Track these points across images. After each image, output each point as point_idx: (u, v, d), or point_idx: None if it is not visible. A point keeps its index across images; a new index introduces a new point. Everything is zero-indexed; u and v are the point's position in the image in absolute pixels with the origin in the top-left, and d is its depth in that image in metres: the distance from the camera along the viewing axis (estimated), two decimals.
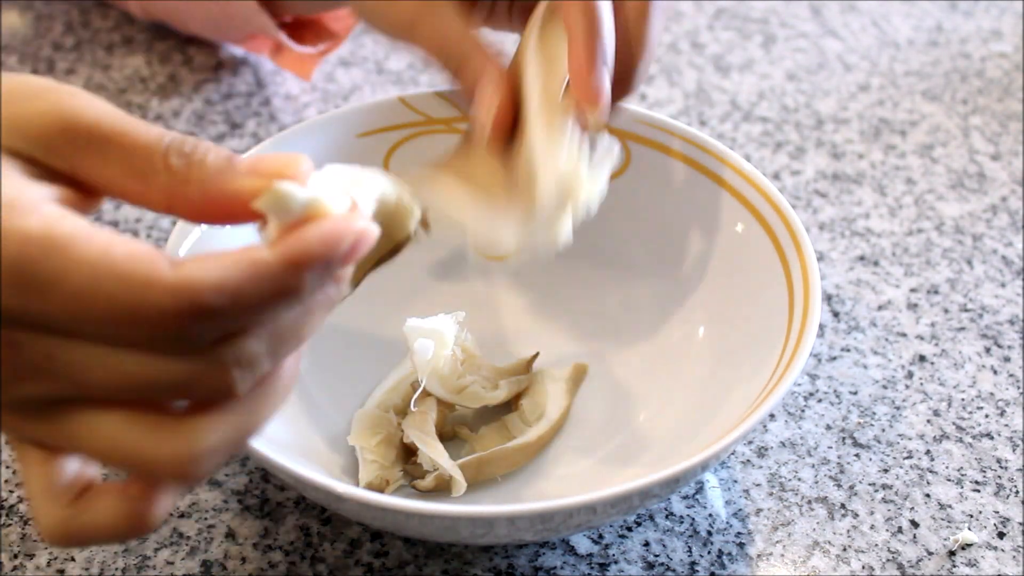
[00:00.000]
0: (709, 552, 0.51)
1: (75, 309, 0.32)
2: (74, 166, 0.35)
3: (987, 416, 0.57)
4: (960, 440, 0.56)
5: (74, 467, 0.36)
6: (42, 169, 0.35)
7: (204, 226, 0.50)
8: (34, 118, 0.34)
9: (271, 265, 0.33)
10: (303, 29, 0.70)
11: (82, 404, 0.34)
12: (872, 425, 0.56)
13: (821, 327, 0.61)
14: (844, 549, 0.51)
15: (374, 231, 0.35)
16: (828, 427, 0.56)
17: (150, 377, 0.33)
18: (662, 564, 0.50)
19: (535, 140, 0.50)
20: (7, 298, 0.32)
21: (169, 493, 0.36)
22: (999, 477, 0.54)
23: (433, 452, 0.50)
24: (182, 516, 0.52)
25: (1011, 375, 0.59)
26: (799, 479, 0.54)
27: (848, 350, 0.60)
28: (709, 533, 0.52)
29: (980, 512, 0.53)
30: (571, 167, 0.48)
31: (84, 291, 0.32)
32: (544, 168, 0.49)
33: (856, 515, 0.52)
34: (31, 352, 0.33)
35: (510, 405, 0.55)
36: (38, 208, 0.32)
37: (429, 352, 0.51)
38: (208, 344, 0.33)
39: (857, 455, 0.55)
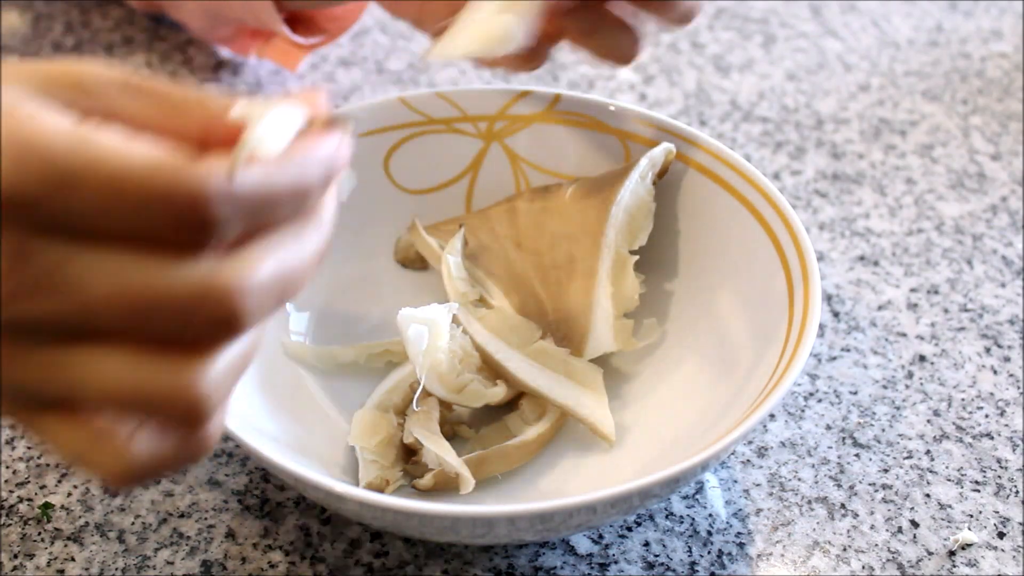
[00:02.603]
0: (709, 552, 0.51)
1: (105, 195, 0.32)
2: (105, 108, 0.34)
3: (987, 416, 0.57)
4: (960, 440, 0.56)
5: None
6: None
7: None
8: (56, 71, 0.34)
9: (283, 162, 0.34)
10: (295, 24, 0.71)
11: (82, 339, 0.33)
12: (872, 425, 0.56)
13: (821, 327, 0.61)
14: (844, 549, 0.51)
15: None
16: (828, 427, 0.56)
17: (159, 291, 0.32)
18: (662, 564, 0.50)
19: None
20: (30, 186, 0.31)
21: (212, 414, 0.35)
22: (999, 477, 0.54)
23: (440, 449, 0.50)
24: (182, 516, 0.52)
25: (1011, 375, 0.59)
26: (799, 479, 0.54)
27: (848, 350, 0.60)
28: (709, 533, 0.52)
29: (980, 512, 0.53)
30: None
31: (115, 176, 0.31)
32: None
33: (856, 515, 0.52)
34: (39, 261, 0.32)
35: (511, 405, 0.55)
36: (61, 116, 0.33)
37: (424, 341, 0.51)
38: (226, 241, 0.33)
39: (857, 455, 0.55)
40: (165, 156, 0.32)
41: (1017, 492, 0.54)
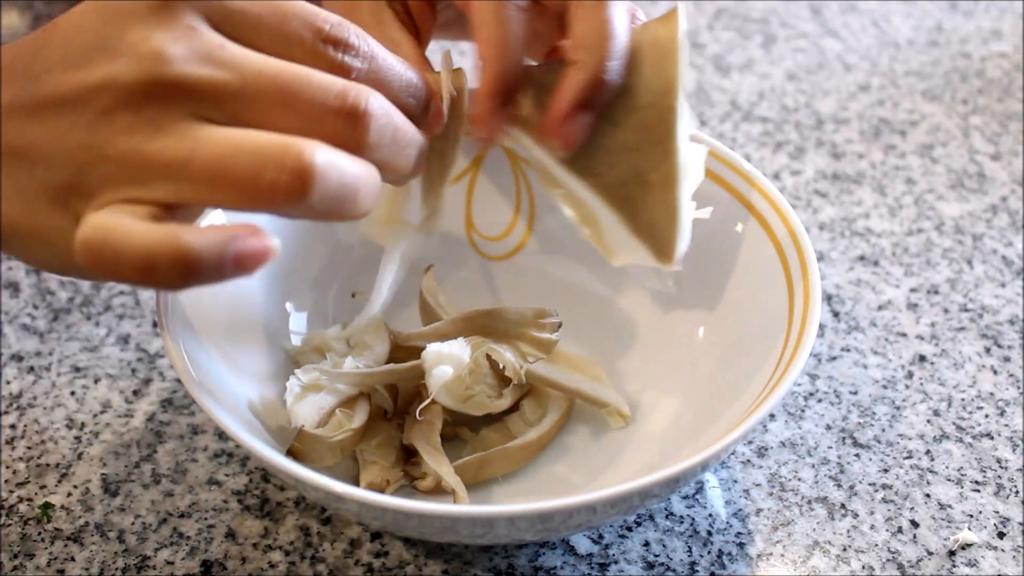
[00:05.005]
0: (709, 552, 0.51)
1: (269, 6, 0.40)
2: None
3: (987, 416, 0.57)
4: (960, 440, 0.56)
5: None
6: None
7: None
8: None
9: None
10: None
11: (215, 124, 0.39)
12: (872, 425, 0.56)
13: (821, 327, 0.61)
14: (844, 549, 0.51)
15: None
16: (828, 427, 0.56)
17: (301, 75, 0.39)
18: (662, 564, 0.51)
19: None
20: None
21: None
22: (999, 477, 0.54)
23: (438, 465, 0.50)
24: (182, 516, 0.52)
25: (1011, 375, 0.59)
26: (799, 479, 0.54)
27: (848, 350, 0.60)
28: (709, 533, 0.52)
29: (980, 512, 0.53)
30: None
31: None
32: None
33: (856, 515, 0.52)
34: (203, 39, 0.39)
35: (512, 406, 0.55)
36: None
37: (448, 376, 0.51)
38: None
39: (857, 455, 0.55)
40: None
41: (1017, 492, 0.54)
